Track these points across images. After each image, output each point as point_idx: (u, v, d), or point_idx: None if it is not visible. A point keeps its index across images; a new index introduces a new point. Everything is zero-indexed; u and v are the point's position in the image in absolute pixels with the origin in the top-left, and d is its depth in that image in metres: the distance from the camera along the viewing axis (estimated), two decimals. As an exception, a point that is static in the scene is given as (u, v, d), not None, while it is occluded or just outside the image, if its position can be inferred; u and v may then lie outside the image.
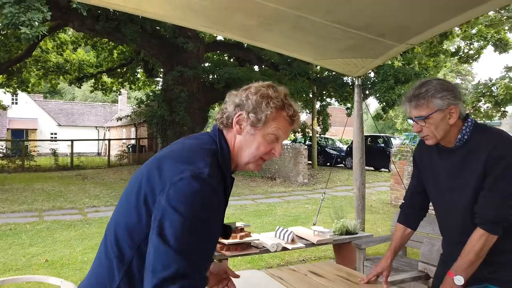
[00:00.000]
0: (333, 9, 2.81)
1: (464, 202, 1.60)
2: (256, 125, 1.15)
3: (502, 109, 4.89)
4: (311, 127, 17.49)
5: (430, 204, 1.89)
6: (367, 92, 12.73)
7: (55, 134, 32.57)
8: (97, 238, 5.88)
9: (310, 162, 16.41)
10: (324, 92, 16.33)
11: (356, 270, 3.32)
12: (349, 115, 12.11)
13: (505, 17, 5.40)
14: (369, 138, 17.41)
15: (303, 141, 19.20)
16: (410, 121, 1.68)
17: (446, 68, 14.07)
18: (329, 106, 18.16)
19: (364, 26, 3.09)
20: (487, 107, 5.05)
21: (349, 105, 15.38)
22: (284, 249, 3.46)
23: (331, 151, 18.42)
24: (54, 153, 18.05)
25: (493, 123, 21.70)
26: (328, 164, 18.03)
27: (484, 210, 1.53)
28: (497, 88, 4.53)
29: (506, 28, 5.52)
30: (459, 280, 1.54)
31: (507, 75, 5.20)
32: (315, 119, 17.18)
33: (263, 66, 17.99)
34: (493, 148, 1.51)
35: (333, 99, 16.57)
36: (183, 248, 0.95)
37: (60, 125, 33.29)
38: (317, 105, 17.62)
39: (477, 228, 1.54)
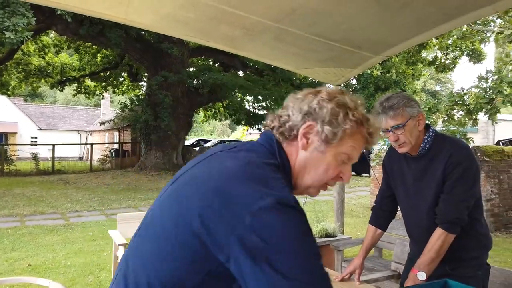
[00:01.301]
0: (312, 22, 2.98)
1: (426, 204, 1.76)
2: (330, 142, 0.92)
3: (474, 117, 5.16)
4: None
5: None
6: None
7: (36, 138, 31.98)
8: (80, 243, 5.89)
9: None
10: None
11: (334, 270, 3.47)
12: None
13: (475, 31, 5.71)
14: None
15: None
16: (381, 133, 1.83)
17: (425, 76, 14.51)
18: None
19: (342, 39, 3.27)
20: (460, 115, 5.32)
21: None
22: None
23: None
24: (35, 158, 17.75)
25: (470, 130, 22.39)
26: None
27: (443, 211, 1.69)
28: (468, 97, 4.81)
29: (479, 38, 5.83)
30: (422, 275, 1.70)
31: (480, 84, 5.48)
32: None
33: (247, 72, 18.18)
34: (451, 155, 1.68)
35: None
36: (316, 279, 0.75)
37: (40, 128, 32.72)
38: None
39: (438, 227, 1.70)
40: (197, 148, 20.21)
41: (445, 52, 9.07)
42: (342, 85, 4.70)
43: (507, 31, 4.74)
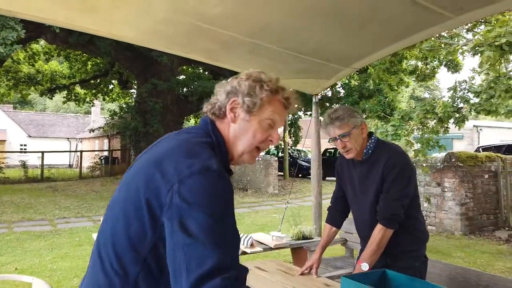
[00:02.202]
0: (282, 38, 3.21)
1: (369, 203, 1.99)
2: (252, 110, 1.10)
3: (445, 125, 5.43)
4: (282, 139, 17.97)
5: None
6: (333, 105, 13.37)
7: (25, 145, 31.82)
8: (67, 248, 6.02)
9: (281, 173, 16.83)
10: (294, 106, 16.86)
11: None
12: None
13: (443, 43, 6.02)
14: (338, 151, 18.02)
15: (276, 153, 19.65)
16: (330, 142, 2.06)
17: (410, 84, 14.90)
18: (304, 119, 18.76)
19: (312, 53, 3.51)
20: (434, 123, 5.59)
21: (321, 118, 15.97)
22: (244, 253, 3.76)
23: (302, 163, 18.94)
24: (24, 165, 17.75)
25: (456, 137, 22.81)
26: (300, 175, 18.50)
27: (382, 209, 1.92)
28: (437, 106, 5.08)
29: (447, 51, 6.17)
30: (365, 266, 1.91)
31: (453, 94, 5.76)
32: (287, 131, 17.69)
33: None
34: (388, 159, 1.91)
35: (302, 112, 17.13)
36: (214, 240, 0.87)
37: (30, 136, 32.57)
38: (289, 117, 18.17)
39: (378, 223, 1.93)
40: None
41: (425, 62, 9.44)
42: (318, 95, 4.94)
43: (470, 44, 5.04)
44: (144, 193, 0.94)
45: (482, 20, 5.82)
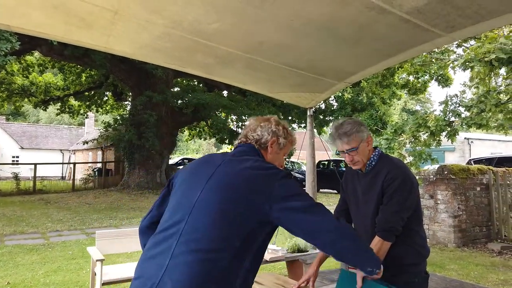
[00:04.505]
0: (278, 54, 3.28)
1: (370, 214, 2.02)
2: (282, 147, 1.72)
3: (438, 138, 5.52)
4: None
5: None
6: (327, 118, 13.47)
7: (17, 157, 31.52)
8: (60, 261, 5.95)
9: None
10: (289, 118, 16.99)
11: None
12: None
13: (434, 58, 6.16)
14: (332, 162, 18.11)
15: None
16: (337, 154, 2.12)
17: (402, 97, 15.09)
18: (298, 131, 18.84)
19: (307, 67, 3.58)
20: (426, 136, 5.67)
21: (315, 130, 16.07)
22: (239, 266, 3.77)
23: (296, 175, 18.97)
24: (16, 177, 17.58)
25: (448, 149, 23.03)
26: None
27: (380, 221, 1.94)
28: (429, 120, 5.18)
29: (438, 66, 6.29)
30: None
31: (445, 108, 5.86)
32: (281, 144, 17.73)
33: (232, 92, 18.52)
34: (388, 172, 1.95)
35: (296, 124, 17.23)
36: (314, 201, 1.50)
37: (22, 148, 32.30)
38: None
39: (376, 235, 1.95)
40: (181, 167, 20.29)
41: (416, 76, 9.60)
42: (312, 108, 5.01)
43: (460, 59, 5.16)
44: (251, 194, 1.43)
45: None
